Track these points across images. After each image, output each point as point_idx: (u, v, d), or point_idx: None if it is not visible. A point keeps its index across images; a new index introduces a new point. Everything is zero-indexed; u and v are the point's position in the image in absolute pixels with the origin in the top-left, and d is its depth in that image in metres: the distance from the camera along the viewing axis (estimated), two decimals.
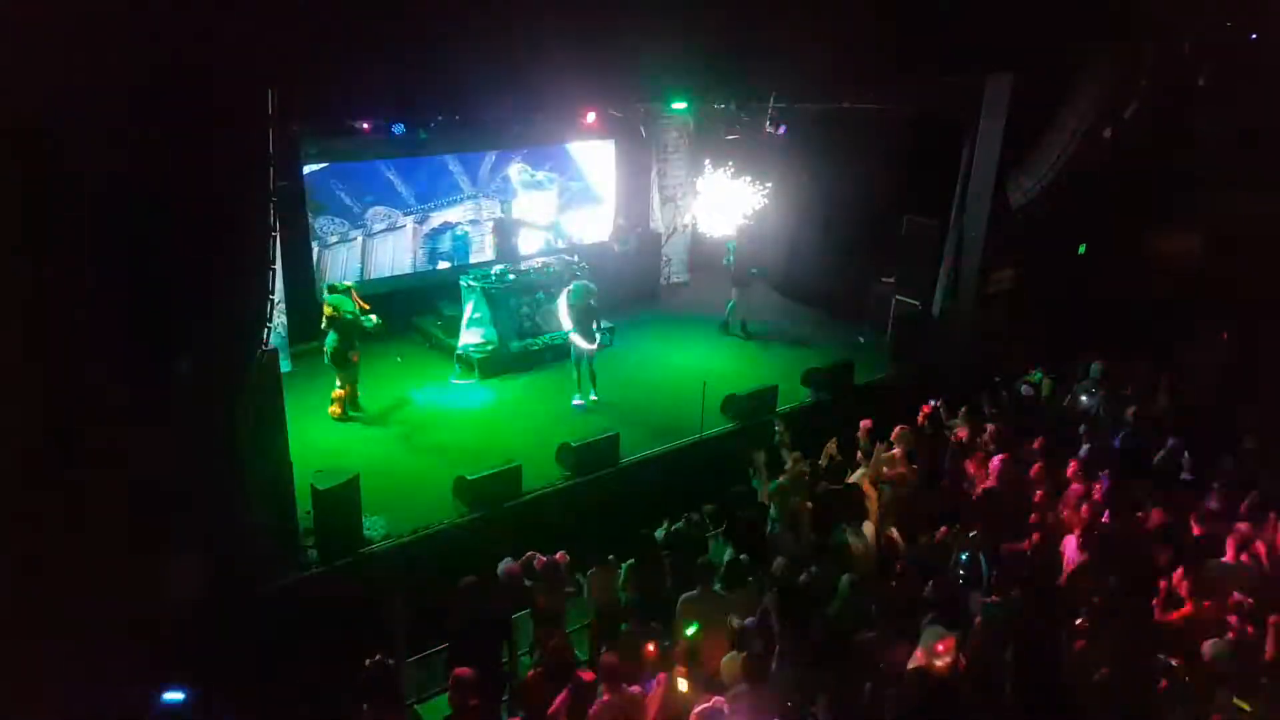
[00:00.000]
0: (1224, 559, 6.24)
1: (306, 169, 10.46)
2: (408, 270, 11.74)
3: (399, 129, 9.31)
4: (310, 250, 10.81)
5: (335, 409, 9.35)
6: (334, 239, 11.07)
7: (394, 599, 5.79)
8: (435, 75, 8.67)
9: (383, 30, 6.83)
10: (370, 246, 11.38)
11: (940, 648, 4.77)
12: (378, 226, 11.37)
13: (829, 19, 8.60)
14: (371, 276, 11.37)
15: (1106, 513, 6.84)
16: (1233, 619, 5.48)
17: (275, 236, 7.31)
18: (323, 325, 9.19)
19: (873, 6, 8.77)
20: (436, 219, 11.83)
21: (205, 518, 6.51)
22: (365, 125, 9.73)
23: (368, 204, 11.21)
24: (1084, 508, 6.88)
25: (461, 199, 11.92)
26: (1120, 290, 11.24)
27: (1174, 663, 5.14)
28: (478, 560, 6.82)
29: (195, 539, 6.46)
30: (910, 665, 4.92)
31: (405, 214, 11.54)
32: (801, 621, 5.55)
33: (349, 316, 9.11)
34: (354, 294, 9.36)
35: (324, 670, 5.97)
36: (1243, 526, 6.32)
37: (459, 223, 12.01)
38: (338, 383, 9.36)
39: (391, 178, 11.30)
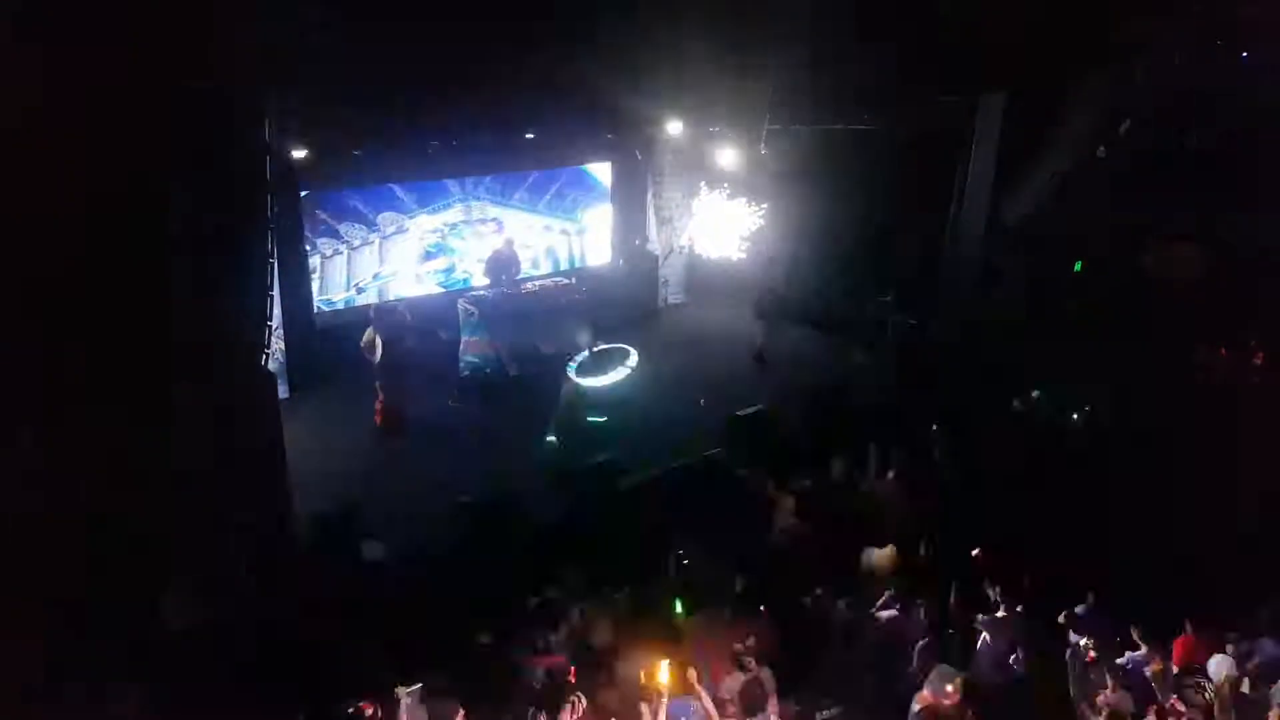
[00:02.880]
0: None
1: (305, 191, 10.49)
2: (409, 293, 11.75)
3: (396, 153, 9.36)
4: (309, 277, 10.82)
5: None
6: (329, 252, 11.11)
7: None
8: (433, 101, 8.80)
9: (382, 60, 6.92)
10: (367, 254, 11.43)
11: (949, 688, 4.75)
12: (378, 234, 11.41)
13: (823, 41, 8.71)
14: (370, 284, 11.43)
15: None
16: None
17: (273, 263, 7.36)
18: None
19: (866, 28, 8.87)
20: (429, 223, 11.82)
21: (203, 544, 6.48)
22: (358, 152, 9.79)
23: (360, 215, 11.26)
24: None
25: (451, 202, 11.94)
26: (1116, 308, 11.27)
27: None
28: (477, 585, 6.81)
29: (193, 565, 6.43)
30: (917, 705, 4.89)
31: (409, 217, 11.60)
32: (804, 649, 5.54)
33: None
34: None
35: (321, 696, 5.92)
36: None
37: (454, 223, 11.99)
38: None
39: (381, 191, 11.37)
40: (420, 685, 5.31)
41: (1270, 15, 9.40)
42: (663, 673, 4.79)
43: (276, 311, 8.26)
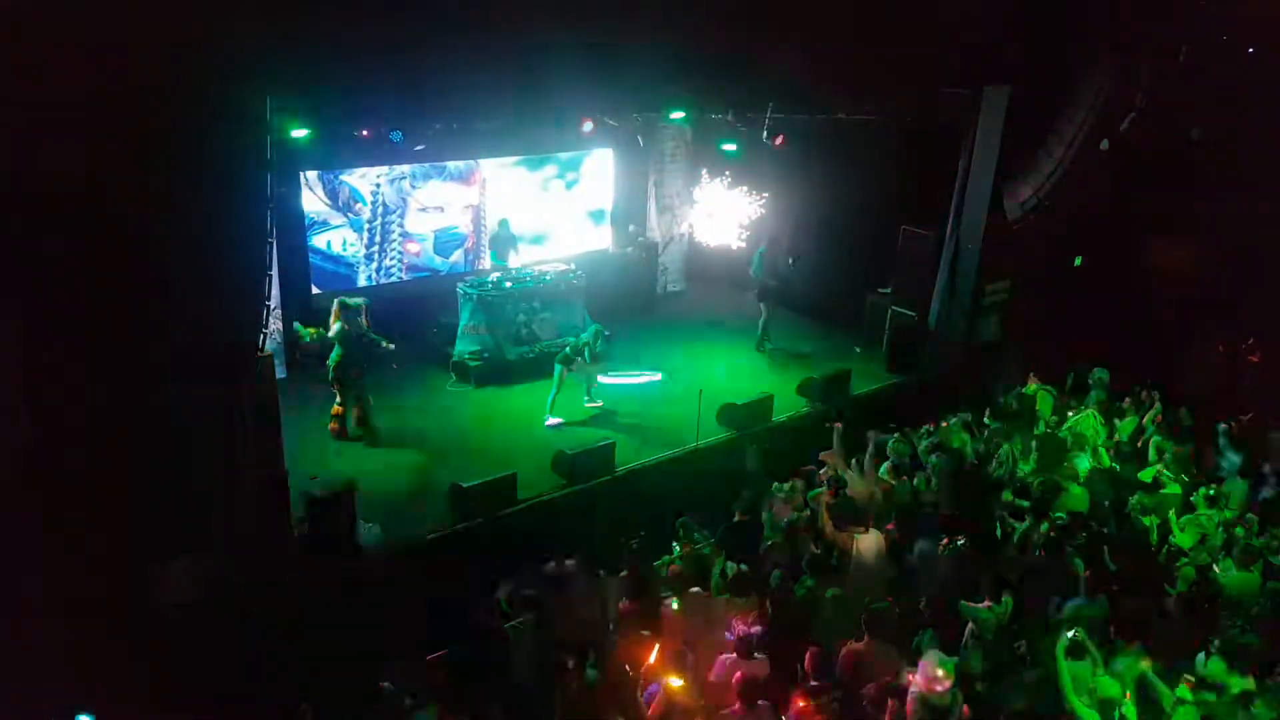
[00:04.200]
0: None
1: (304, 170, 10.45)
2: (402, 277, 11.77)
3: (396, 136, 9.30)
4: (307, 256, 10.80)
5: (334, 426, 9.14)
6: (327, 230, 11.06)
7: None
8: (435, 83, 8.74)
9: (383, 38, 6.88)
10: (366, 231, 11.38)
11: (940, 673, 4.78)
12: (377, 211, 11.36)
13: (826, 30, 8.66)
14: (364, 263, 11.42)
15: None
16: None
17: (272, 242, 7.34)
18: (330, 335, 8.87)
19: (870, 18, 8.82)
20: (430, 201, 11.74)
21: (199, 524, 6.50)
22: (364, 132, 9.73)
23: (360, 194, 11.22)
24: None
25: (451, 180, 11.90)
26: (1117, 301, 11.27)
27: None
28: (473, 569, 6.82)
29: (189, 545, 6.45)
30: (909, 689, 4.92)
31: (410, 194, 11.54)
32: (795, 636, 5.57)
33: (359, 333, 8.88)
34: (365, 312, 9.03)
35: (315, 680, 5.95)
36: None
37: (453, 202, 11.93)
38: (337, 399, 9.11)
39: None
40: None
41: (1275, 9, 9.36)
42: (652, 655, 4.83)
43: (275, 291, 8.23)
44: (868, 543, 6.67)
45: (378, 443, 9.10)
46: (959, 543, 6.62)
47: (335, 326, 8.87)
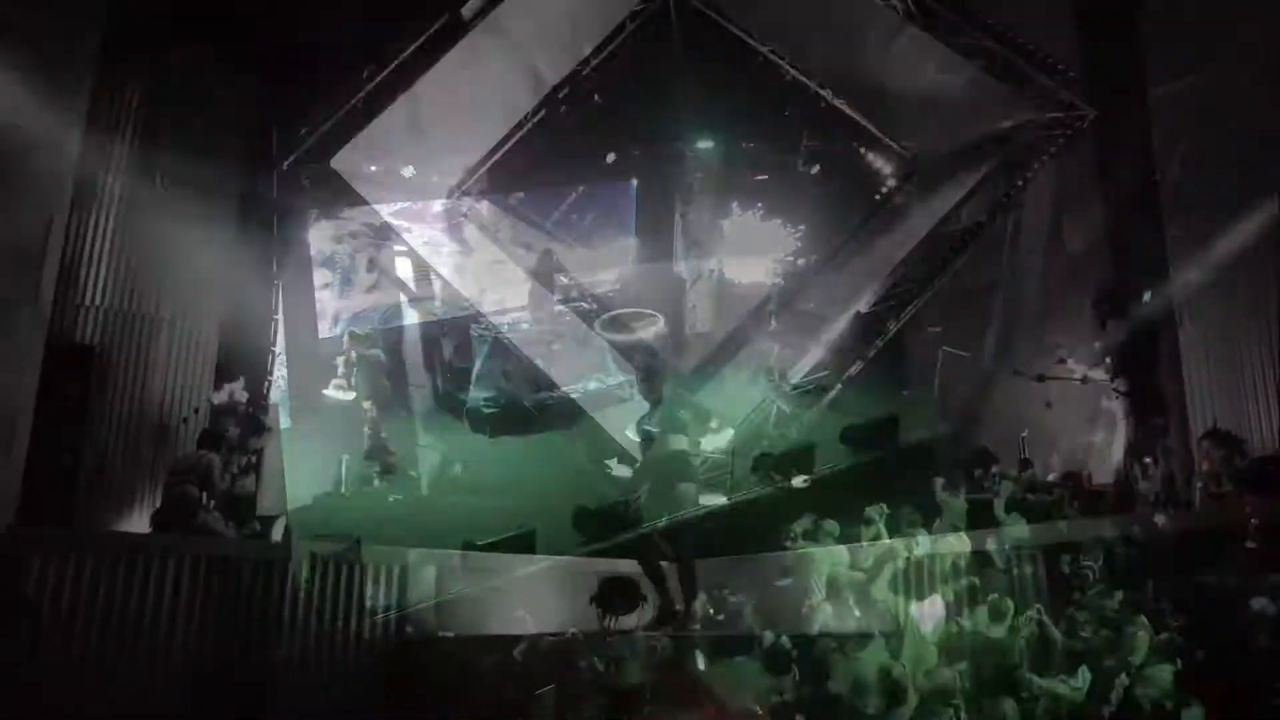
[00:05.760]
0: None
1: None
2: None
3: (409, 171, 9.14)
4: (313, 302, 10.43)
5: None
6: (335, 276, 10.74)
7: None
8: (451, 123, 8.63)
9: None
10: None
11: None
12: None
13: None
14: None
15: None
16: None
17: (277, 285, 7.17)
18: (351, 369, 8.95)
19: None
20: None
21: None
22: (373, 167, 9.57)
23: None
24: None
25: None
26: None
27: None
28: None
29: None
30: None
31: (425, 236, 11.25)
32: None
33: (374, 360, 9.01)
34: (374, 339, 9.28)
35: None
36: None
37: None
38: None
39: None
40: None
41: None
42: None
43: (280, 338, 8.01)
44: (927, 607, 6.27)
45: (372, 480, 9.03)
46: (1031, 612, 6.06)
47: (352, 357, 8.94)
